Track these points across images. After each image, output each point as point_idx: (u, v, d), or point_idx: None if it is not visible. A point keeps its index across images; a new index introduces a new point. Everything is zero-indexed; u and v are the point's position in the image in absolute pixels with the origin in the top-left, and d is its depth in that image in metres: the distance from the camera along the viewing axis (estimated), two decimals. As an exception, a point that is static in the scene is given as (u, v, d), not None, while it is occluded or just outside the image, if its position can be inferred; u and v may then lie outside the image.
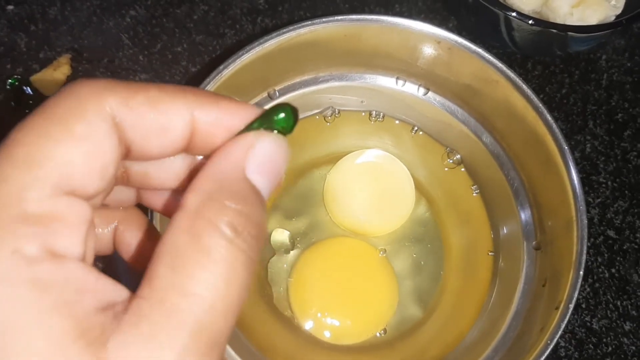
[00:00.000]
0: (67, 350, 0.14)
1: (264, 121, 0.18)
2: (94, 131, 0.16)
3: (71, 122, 0.15)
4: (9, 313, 0.14)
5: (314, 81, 0.41)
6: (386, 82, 0.41)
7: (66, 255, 0.15)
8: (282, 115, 0.18)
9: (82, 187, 0.16)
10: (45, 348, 0.14)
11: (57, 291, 0.14)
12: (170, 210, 0.21)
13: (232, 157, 0.17)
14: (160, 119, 0.17)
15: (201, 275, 0.15)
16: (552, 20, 0.44)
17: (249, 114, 0.18)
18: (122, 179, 0.19)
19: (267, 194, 0.18)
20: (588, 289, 0.43)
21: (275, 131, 0.18)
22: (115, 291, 0.15)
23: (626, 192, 0.46)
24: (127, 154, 0.17)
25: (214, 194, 0.16)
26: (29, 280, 0.14)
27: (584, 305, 0.43)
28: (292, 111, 0.18)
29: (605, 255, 0.44)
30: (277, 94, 0.40)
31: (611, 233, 0.45)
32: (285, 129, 0.18)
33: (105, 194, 0.18)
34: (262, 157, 0.17)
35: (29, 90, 0.45)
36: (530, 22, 0.41)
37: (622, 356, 0.42)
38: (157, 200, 0.21)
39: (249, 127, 0.18)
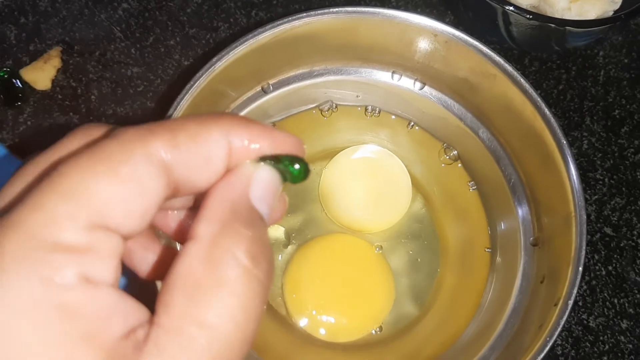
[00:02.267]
0: None
1: (276, 162, 0.18)
2: (139, 174, 0.16)
3: (117, 163, 0.16)
4: (36, 340, 0.14)
5: (309, 75, 0.40)
6: (382, 76, 0.41)
7: (99, 281, 0.15)
8: (297, 166, 0.18)
9: (118, 227, 0.16)
10: None
11: (86, 319, 0.14)
12: (178, 233, 0.21)
13: (237, 185, 0.17)
14: (204, 151, 0.17)
15: (219, 307, 0.15)
16: (550, 14, 0.43)
17: (279, 138, 0.18)
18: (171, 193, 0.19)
19: (268, 222, 0.18)
20: (585, 287, 0.43)
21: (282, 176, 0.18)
22: (138, 313, 0.16)
23: (623, 189, 0.46)
24: (175, 193, 0.17)
25: (228, 223, 0.16)
26: (57, 306, 0.14)
27: (580, 303, 0.43)
28: (306, 168, 0.18)
29: (602, 252, 0.44)
30: (271, 87, 0.40)
31: (608, 230, 0.45)
32: (294, 180, 0.19)
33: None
34: (262, 186, 0.18)
35: (19, 83, 0.45)
36: (528, 16, 0.40)
37: (619, 354, 0.42)
38: (165, 222, 0.21)
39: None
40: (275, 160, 0.18)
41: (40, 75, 0.45)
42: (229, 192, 0.17)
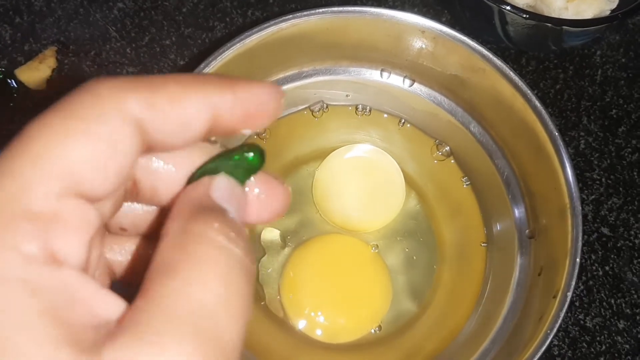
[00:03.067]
0: (56, 356, 0.13)
1: (227, 158, 0.18)
2: (112, 131, 0.15)
3: (88, 120, 0.15)
4: None
5: (298, 76, 0.40)
6: (371, 74, 0.41)
7: (66, 260, 0.14)
8: (251, 154, 0.18)
9: (92, 188, 0.15)
10: (33, 352, 0.13)
11: (49, 296, 0.13)
12: None
13: (199, 189, 0.17)
14: (181, 115, 0.16)
15: (198, 280, 0.14)
16: (546, 14, 0.43)
17: (264, 94, 0.18)
18: (131, 193, 0.18)
19: (238, 218, 0.17)
20: (582, 287, 0.43)
21: (241, 169, 0.18)
22: (114, 306, 0.15)
23: (620, 188, 0.45)
24: (148, 149, 0.17)
25: (196, 213, 0.16)
26: (22, 280, 0.13)
27: (577, 303, 0.43)
28: (260, 153, 0.18)
29: (599, 252, 0.44)
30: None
31: (605, 230, 0.44)
32: (252, 169, 0.18)
33: (116, 203, 0.17)
34: (224, 189, 0.17)
35: (14, 83, 0.45)
36: (524, 16, 0.40)
37: (616, 355, 0.42)
38: None
39: (211, 162, 0.18)
40: (226, 157, 0.18)
41: (36, 75, 0.45)
42: (193, 193, 0.17)
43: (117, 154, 0.15)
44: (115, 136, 0.15)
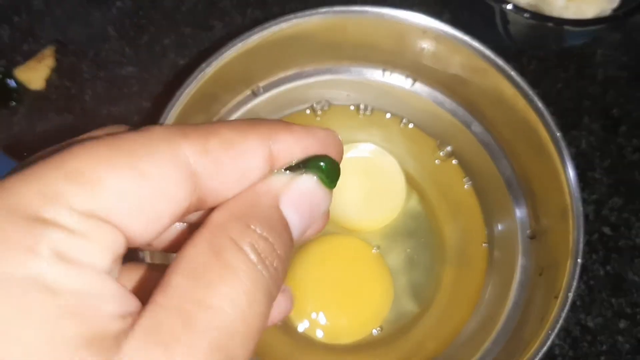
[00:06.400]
0: (74, 355, 0.12)
1: (306, 166, 0.17)
2: (161, 174, 0.14)
3: (138, 158, 0.14)
4: (9, 313, 0.12)
5: (299, 76, 0.40)
6: (373, 74, 0.41)
7: (83, 262, 0.13)
8: (326, 167, 0.17)
9: (122, 225, 0.14)
10: (52, 353, 0.12)
11: (68, 296, 0.13)
12: None
13: (266, 187, 0.16)
14: (239, 163, 0.16)
15: (223, 289, 0.14)
16: (547, 13, 0.43)
17: (321, 137, 0.17)
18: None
19: (297, 233, 0.17)
20: (583, 287, 0.43)
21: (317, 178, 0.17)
22: (136, 302, 0.14)
23: (621, 188, 0.45)
24: (201, 204, 0.16)
25: (241, 215, 0.15)
26: (34, 280, 0.12)
27: (578, 303, 0.42)
28: (335, 167, 0.17)
29: (601, 252, 0.44)
30: (262, 90, 0.40)
31: (606, 230, 0.44)
32: (328, 180, 0.17)
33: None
34: (299, 194, 0.17)
35: (13, 83, 0.45)
36: (525, 15, 0.40)
37: (617, 354, 0.41)
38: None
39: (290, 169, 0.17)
40: (305, 166, 0.17)
41: (34, 75, 0.45)
42: (255, 191, 0.16)
43: (162, 197, 0.14)
44: (163, 178, 0.14)
